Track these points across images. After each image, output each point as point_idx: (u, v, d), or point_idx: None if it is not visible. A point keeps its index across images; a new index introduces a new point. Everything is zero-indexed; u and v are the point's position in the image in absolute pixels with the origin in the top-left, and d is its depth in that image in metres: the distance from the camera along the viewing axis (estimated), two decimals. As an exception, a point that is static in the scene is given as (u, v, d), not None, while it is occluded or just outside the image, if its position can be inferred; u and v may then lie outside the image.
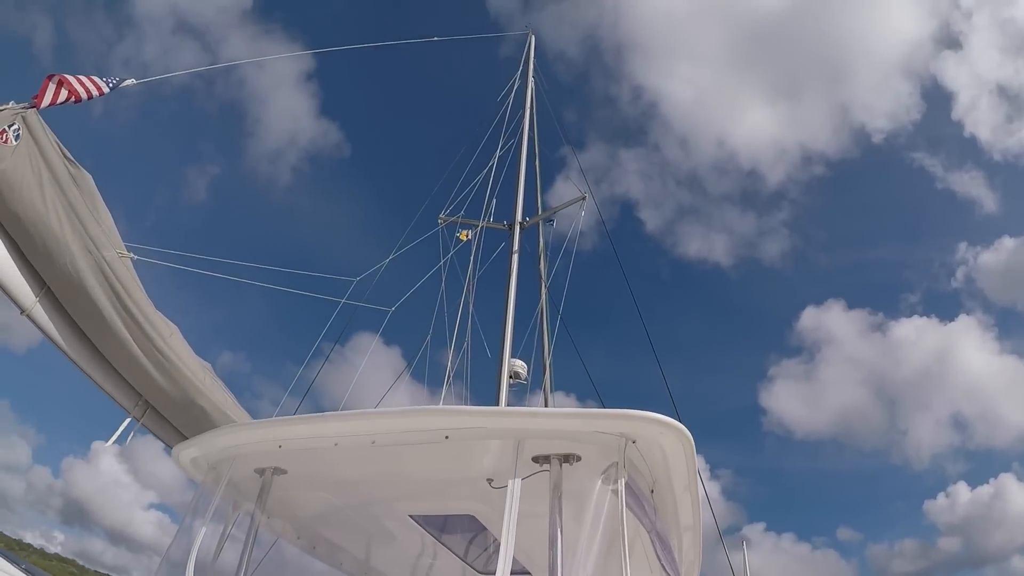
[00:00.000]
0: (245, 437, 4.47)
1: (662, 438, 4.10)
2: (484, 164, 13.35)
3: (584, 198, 13.65)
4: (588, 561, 3.86)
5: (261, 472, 4.47)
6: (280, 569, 5.60)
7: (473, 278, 11.49)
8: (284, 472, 4.47)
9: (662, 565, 5.23)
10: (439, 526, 5.43)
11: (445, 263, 11.97)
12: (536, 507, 3.83)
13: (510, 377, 9.19)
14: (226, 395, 5.30)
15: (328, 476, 4.71)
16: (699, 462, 4.59)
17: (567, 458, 4.01)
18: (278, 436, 4.33)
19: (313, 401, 9.62)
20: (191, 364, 4.93)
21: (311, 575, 6.24)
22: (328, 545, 5.78)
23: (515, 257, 11.90)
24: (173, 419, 5.04)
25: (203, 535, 4.24)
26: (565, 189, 15.56)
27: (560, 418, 4.23)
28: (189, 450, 4.59)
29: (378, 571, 6.40)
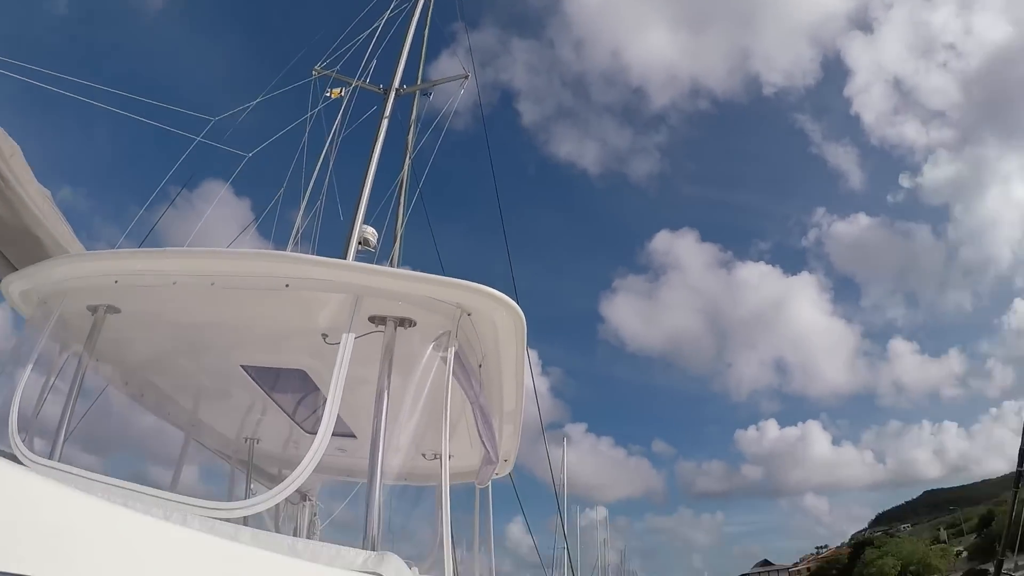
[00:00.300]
0: (79, 270, 4.33)
1: (496, 314, 4.27)
2: (370, 23, 12.98)
3: (466, 77, 13.50)
4: (410, 425, 4.00)
5: (93, 310, 4.31)
6: (106, 418, 5.44)
7: (338, 137, 11.28)
8: (117, 311, 4.33)
9: (483, 441, 5.47)
10: (270, 381, 5.42)
11: (311, 116, 11.62)
12: (367, 371, 3.90)
13: (359, 243, 9.17)
14: (64, 227, 5.11)
15: (163, 318, 4.57)
16: (532, 357, 4.86)
17: (403, 322, 4.09)
18: (114, 270, 4.19)
19: (152, 245, 9.27)
20: (30, 189, 4.71)
21: (138, 428, 6.14)
22: (156, 393, 5.63)
23: (385, 123, 11.61)
24: (4, 248, 4.83)
25: (27, 377, 4.05)
26: (449, 65, 15.28)
27: (401, 279, 4.22)
28: (19, 282, 4.41)
29: (205, 424, 6.32)
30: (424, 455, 5.73)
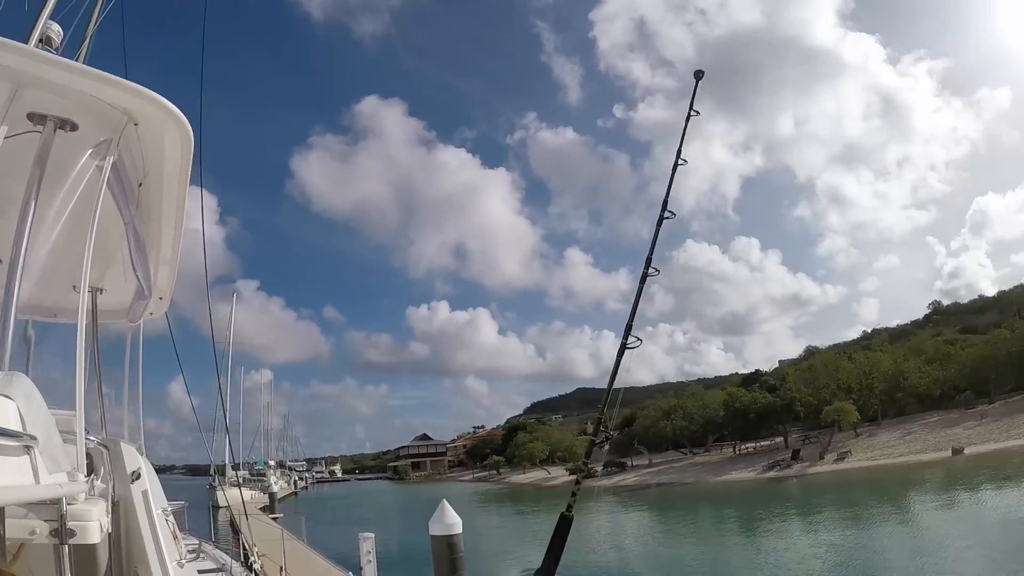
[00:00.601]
0: None
1: (165, 128, 3.94)
2: None
3: None
4: (52, 244, 3.67)
5: None
6: None
7: (35, -90, 9.60)
8: None
9: (135, 272, 5.16)
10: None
11: None
12: (13, 187, 3.46)
13: (40, 40, 8.07)
14: None
15: None
16: (210, 203, 4.48)
17: (64, 124, 3.62)
18: None
19: None
20: None
21: None
22: None
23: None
24: None
25: None
26: None
27: (69, 72, 3.60)
28: None
29: None
30: (75, 287, 5.28)
